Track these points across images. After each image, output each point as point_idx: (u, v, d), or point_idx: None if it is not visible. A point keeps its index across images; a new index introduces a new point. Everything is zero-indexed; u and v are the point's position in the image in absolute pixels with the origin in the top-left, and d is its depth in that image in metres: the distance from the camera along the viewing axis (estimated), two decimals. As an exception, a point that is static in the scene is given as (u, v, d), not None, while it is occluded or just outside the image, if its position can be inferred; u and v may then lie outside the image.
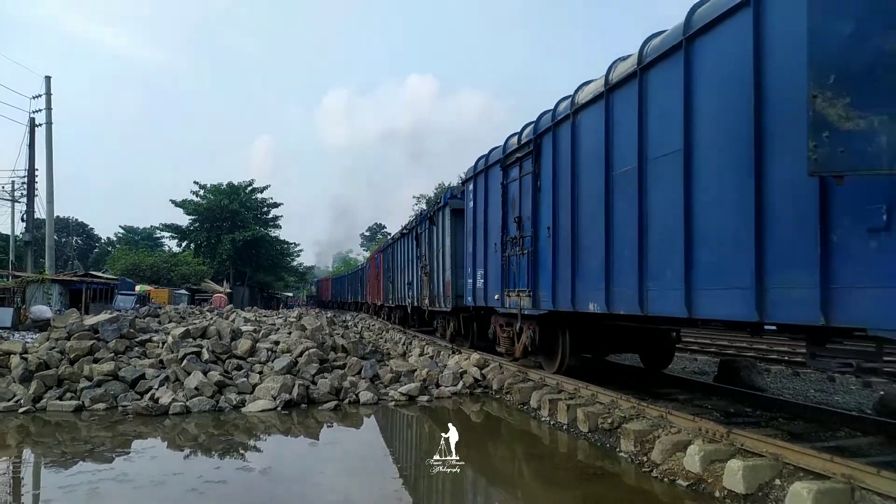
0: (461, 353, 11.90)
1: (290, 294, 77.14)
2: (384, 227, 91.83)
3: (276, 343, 10.88)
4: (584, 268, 7.39)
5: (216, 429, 7.52)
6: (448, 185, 44.94)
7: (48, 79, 29.44)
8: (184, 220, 52.29)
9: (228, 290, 42.18)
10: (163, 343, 10.49)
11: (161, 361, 9.63)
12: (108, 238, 77.70)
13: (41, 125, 29.20)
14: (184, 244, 53.56)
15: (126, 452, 6.41)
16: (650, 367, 9.64)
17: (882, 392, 7.74)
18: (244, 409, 8.34)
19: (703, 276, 5.32)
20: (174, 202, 50.86)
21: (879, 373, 5.57)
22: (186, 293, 37.81)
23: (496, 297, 10.22)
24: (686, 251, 5.47)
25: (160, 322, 13.63)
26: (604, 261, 6.84)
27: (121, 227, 76.25)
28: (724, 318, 5.28)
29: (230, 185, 51.43)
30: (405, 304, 19.17)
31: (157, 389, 8.69)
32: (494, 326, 11.01)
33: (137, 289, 32.98)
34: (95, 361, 9.38)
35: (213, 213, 50.18)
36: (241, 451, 6.60)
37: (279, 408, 8.36)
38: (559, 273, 8.01)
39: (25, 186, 30.61)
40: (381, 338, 18.58)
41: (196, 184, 51.36)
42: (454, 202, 13.49)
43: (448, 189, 16.84)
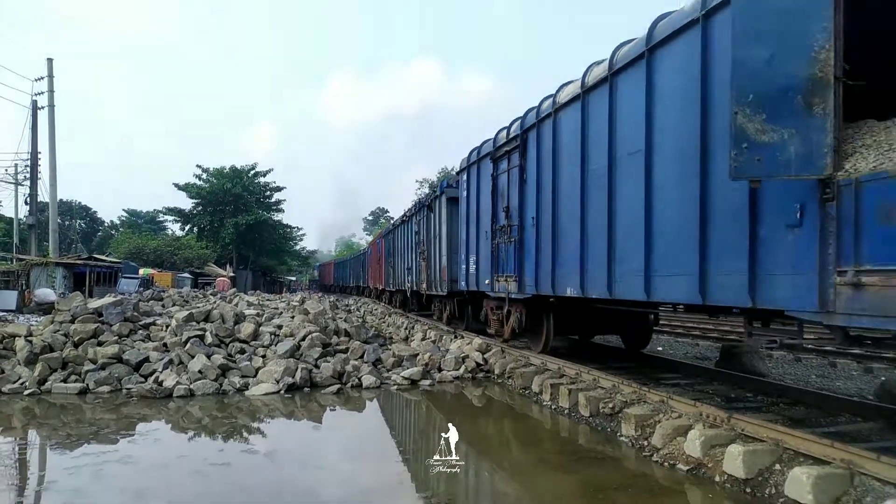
0: (463, 338, 11.94)
1: (293, 278, 77.37)
2: (387, 212, 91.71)
3: (280, 327, 10.93)
4: (563, 255, 7.99)
5: (220, 412, 7.58)
6: (451, 170, 44.80)
7: (50, 61, 29.24)
8: (187, 204, 52.43)
9: (231, 274, 42.29)
10: (166, 326, 10.54)
11: (165, 345, 9.69)
12: (112, 221, 77.98)
13: (43, 108, 29.08)
14: (187, 228, 53.66)
15: (130, 435, 6.47)
16: (630, 348, 10.21)
17: (883, 378, 7.75)
18: (247, 393, 8.39)
19: (660, 264, 5.96)
20: (177, 186, 50.91)
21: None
22: (190, 277, 37.93)
23: (487, 282, 10.75)
24: (646, 241, 6.09)
25: (164, 305, 13.69)
26: (579, 249, 7.43)
27: (124, 211, 76.46)
28: (675, 301, 6.05)
29: (233, 169, 51.37)
30: (405, 289, 19.71)
31: (161, 372, 8.76)
32: (486, 309, 11.51)
33: (141, 272, 33.10)
34: (100, 344, 9.44)
35: (216, 197, 50.19)
36: (245, 435, 6.66)
37: (282, 391, 8.42)
38: (541, 260, 8.59)
39: (28, 169, 30.57)
40: (384, 322, 18.64)
41: (199, 167, 51.44)
42: (450, 191, 13.95)
43: (445, 178, 17.19)
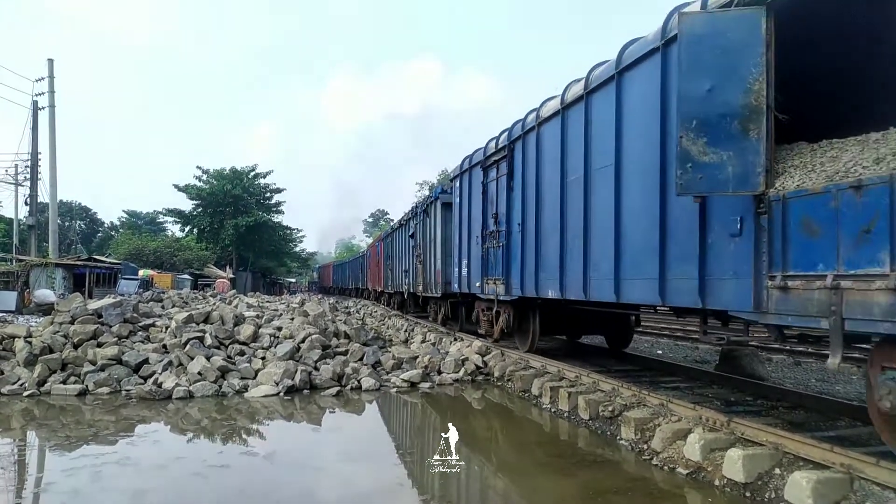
0: (463, 340, 11.94)
1: (293, 280, 77.35)
2: (387, 214, 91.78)
3: (279, 329, 10.92)
4: (545, 259, 8.55)
5: (219, 413, 7.57)
6: (451, 171, 44.71)
7: (51, 61, 29.27)
8: (187, 205, 52.39)
9: (231, 276, 42.31)
10: (166, 328, 10.54)
11: (164, 346, 9.68)
12: (112, 222, 77.89)
13: (44, 108, 29.10)
14: (187, 229, 53.61)
15: (129, 436, 6.46)
16: (613, 347, 10.73)
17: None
18: (247, 395, 8.38)
19: (628, 269, 6.50)
20: (177, 187, 50.89)
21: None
22: (189, 278, 37.90)
23: (477, 285, 11.30)
24: (616, 248, 6.65)
25: (163, 307, 13.68)
26: (559, 254, 8.01)
27: (124, 212, 76.43)
28: (640, 302, 6.55)
29: (233, 171, 51.34)
30: (402, 291, 20.24)
31: (161, 374, 8.75)
32: (477, 310, 12.08)
33: (141, 273, 33.08)
34: (99, 346, 9.43)
35: (216, 198, 50.15)
36: (244, 436, 6.65)
37: (282, 393, 8.41)
38: (526, 263, 9.15)
39: (29, 170, 30.59)
40: (384, 324, 18.63)
41: (199, 168, 51.45)
42: (444, 196, 14.55)
43: (440, 184, 17.68)
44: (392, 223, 27.02)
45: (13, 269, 24.41)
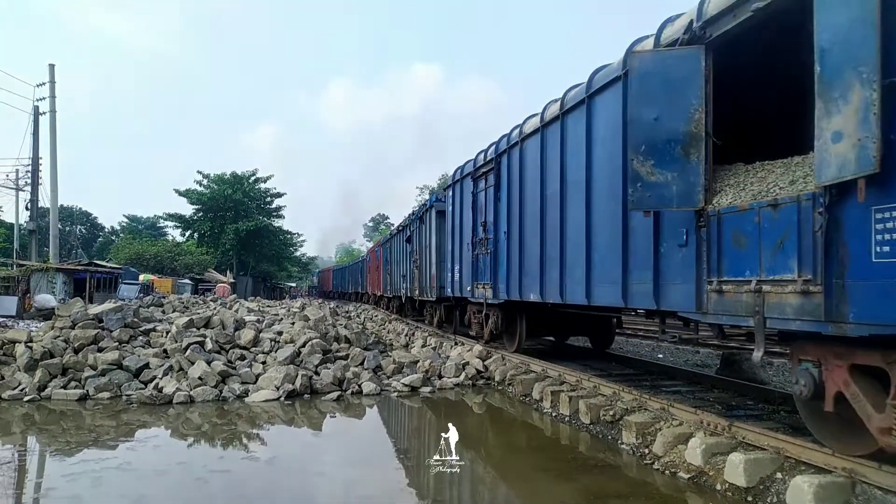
0: (463, 345, 11.94)
1: (293, 284, 77.35)
2: (387, 218, 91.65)
3: (280, 333, 10.92)
4: (527, 266, 9.05)
5: (220, 418, 7.56)
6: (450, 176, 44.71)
7: (52, 66, 29.29)
8: (187, 210, 52.37)
9: (232, 280, 42.26)
10: (167, 333, 10.54)
11: (165, 351, 9.68)
12: (112, 227, 77.84)
13: (45, 113, 29.14)
14: (187, 234, 53.60)
15: (130, 441, 6.46)
16: (597, 348, 11.39)
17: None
18: (247, 399, 8.38)
19: (597, 274, 7.04)
20: (178, 191, 50.88)
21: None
22: (190, 283, 37.89)
23: (468, 289, 11.84)
24: (587, 255, 7.17)
25: (164, 311, 13.69)
26: (539, 261, 8.50)
27: (124, 217, 76.45)
28: (606, 305, 6.98)
29: (233, 175, 51.34)
30: (400, 295, 20.80)
31: (161, 379, 8.74)
32: (469, 313, 12.63)
33: (141, 278, 33.07)
34: (100, 350, 9.43)
35: (217, 203, 50.17)
36: (245, 441, 6.64)
37: (282, 398, 8.40)
38: (511, 269, 9.65)
39: (29, 175, 30.60)
40: (384, 329, 18.63)
41: (199, 173, 51.41)
42: (438, 205, 15.02)
43: (434, 193, 18.09)
44: (391, 229, 27.87)
45: (14, 274, 24.39)
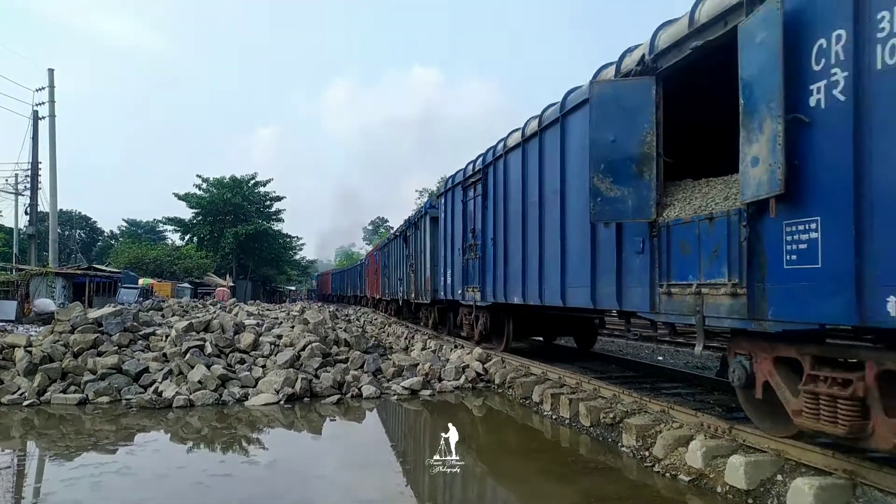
0: (463, 348, 11.94)
1: (293, 288, 77.28)
2: (387, 221, 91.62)
3: (279, 337, 10.92)
4: (511, 270, 9.62)
5: (220, 422, 7.55)
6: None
7: (51, 71, 29.33)
8: (187, 214, 52.37)
9: (231, 284, 42.21)
10: (166, 336, 10.53)
11: (164, 355, 9.67)
12: (112, 231, 77.88)
13: (44, 118, 29.16)
14: (187, 238, 53.59)
15: (129, 445, 6.45)
16: (581, 347, 12.08)
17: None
18: (247, 403, 8.37)
19: (571, 278, 7.58)
20: (177, 195, 50.87)
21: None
22: (189, 287, 37.86)
23: (459, 292, 12.45)
24: (562, 261, 7.74)
25: (163, 315, 13.68)
26: (521, 266, 9.07)
27: (124, 221, 76.45)
28: (578, 306, 7.48)
29: (233, 179, 51.36)
30: (398, 298, 21.38)
31: (161, 383, 8.73)
32: (460, 315, 13.20)
33: (141, 282, 33.04)
34: (99, 355, 9.42)
35: (216, 207, 50.17)
36: (245, 445, 6.63)
37: (282, 401, 8.39)
38: (497, 273, 10.23)
39: (29, 179, 30.59)
40: (384, 332, 18.61)
41: (199, 177, 51.40)
42: (432, 211, 15.60)
43: (428, 200, 19.43)
44: (389, 234, 28.69)
45: (13, 279, 24.36)
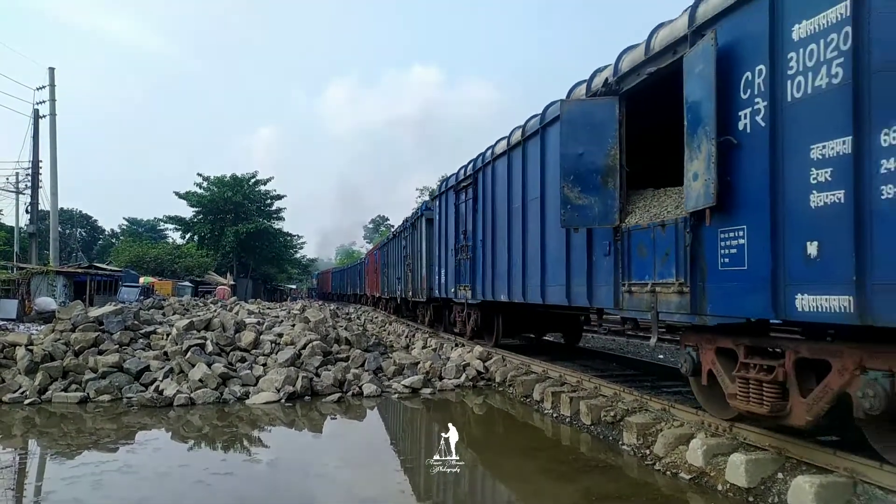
0: (464, 346, 11.95)
1: (293, 286, 77.30)
2: (388, 220, 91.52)
3: (280, 335, 10.92)
4: (499, 270, 10.17)
5: (220, 421, 7.56)
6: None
7: (52, 70, 29.32)
8: (187, 212, 52.37)
9: (232, 282, 42.23)
10: (167, 335, 10.53)
11: (165, 353, 9.68)
12: (112, 230, 77.92)
13: (45, 117, 29.15)
14: (187, 236, 53.60)
15: (130, 444, 6.45)
16: (568, 343, 12.72)
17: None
18: (248, 402, 8.37)
19: (550, 278, 8.11)
20: (178, 194, 50.87)
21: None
22: (190, 285, 37.87)
23: (452, 290, 13.04)
24: (541, 262, 8.27)
25: (164, 314, 13.70)
26: (507, 266, 9.61)
27: (125, 219, 76.58)
28: (556, 303, 8.02)
29: (233, 178, 51.34)
30: (396, 296, 21.99)
31: (162, 381, 8.74)
32: (454, 313, 13.82)
33: (141, 281, 33.09)
34: (100, 353, 9.43)
35: (217, 206, 50.15)
36: (247, 444, 6.64)
37: (283, 400, 8.40)
38: (486, 273, 10.80)
39: (29, 178, 30.58)
40: (384, 330, 18.62)
41: (200, 176, 51.36)
42: (428, 213, 16.17)
43: (423, 203, 20.16)
44: (388, 234, 29.31)
45: (14, 277, 24.37)
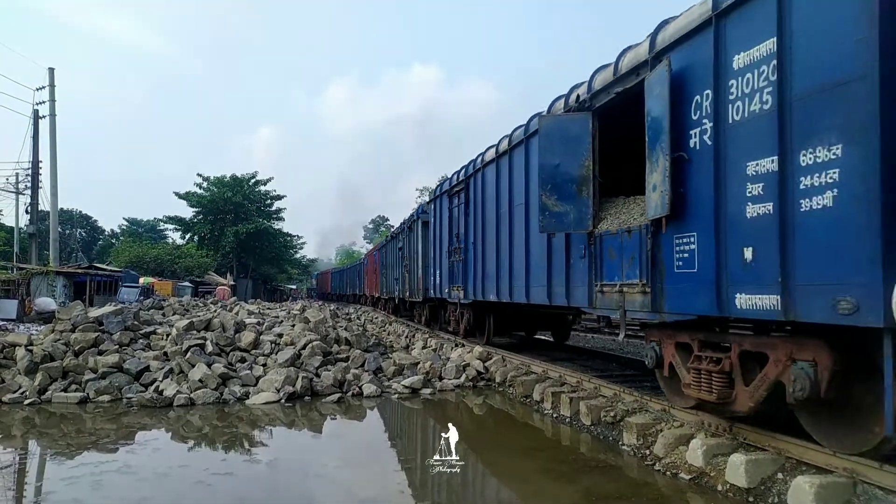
0: (464, 346, 11.95)
1: (293, 286, 77.31)
2: (387, 220, 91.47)
3: (280, 336, 10.92)
4: (488, 271, 10.66)
5: (220, 421, 7.56)
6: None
7: (52, 70, 29.33)
8: (187, 213, 52.39)
9: (232, 283, 42.25)
10: (167, 335, 10.53)
11: (165, 354, 9.67)
12: (112, 230, 77.90)
13: (45, 117, 29.15)
14: (187, 236, 53.61)
15: (130, 444, 6.45)
16: (557, 341, 13.33)
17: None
18: (248, 402, 8.37)
19: (533, 278, 8.59)
20: (178, 194, 50.92)
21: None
22: (190, 285, 37.87)
23: (446, 291, 13.56)
24: (526, 264, 8.77)
25: (164, 314, 13.70)
26: (495, 267, 10.15)
27: (124, 220, 76.56)
28: (538, 303, 8.48)
29: (233, 178, 51.38)
30: (394, 296, 22.52)
31: (162, 381, 8.73)
32: (448, 312, 14.41)
33: (141, 281, 33.08)
34: (100, 353, 9.42)
35: (217, 206, 50.18)
36: (246, 444, 6.63)
37: (283, 400, 8.39)
38: (477, 274, 11.35)
39: (29, 178, 30.59)
40: (384, 330, 18.61)
41: (199, 176, 51.42)
42: (424, 216, 16.65)
43: (420, 206, 20.28)
44: (387, 235, 29.57)
45: (14, 278, 24.36)
